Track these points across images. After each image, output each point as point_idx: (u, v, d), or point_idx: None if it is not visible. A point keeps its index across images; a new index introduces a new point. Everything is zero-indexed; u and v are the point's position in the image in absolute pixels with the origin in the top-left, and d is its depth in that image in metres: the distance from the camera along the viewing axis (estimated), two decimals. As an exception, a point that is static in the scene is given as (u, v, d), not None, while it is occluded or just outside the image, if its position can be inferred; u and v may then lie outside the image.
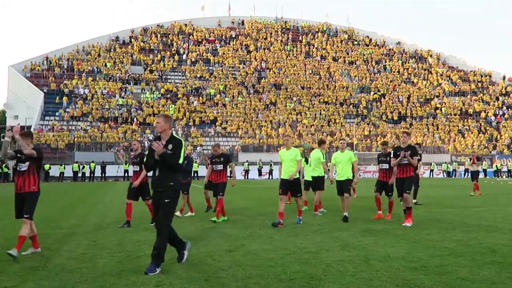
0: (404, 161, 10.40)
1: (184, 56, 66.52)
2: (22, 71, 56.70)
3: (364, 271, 5.87)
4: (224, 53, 68.73)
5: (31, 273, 6.13)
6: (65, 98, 53.15)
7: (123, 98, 55.18)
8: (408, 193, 10.32)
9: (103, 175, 44.12)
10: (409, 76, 71.71)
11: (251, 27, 76.40)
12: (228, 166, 12.00)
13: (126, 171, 42.95)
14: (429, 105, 64.44)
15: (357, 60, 73.31)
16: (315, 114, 58.61)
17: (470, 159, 22.25)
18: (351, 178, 11.51)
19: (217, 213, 11.32)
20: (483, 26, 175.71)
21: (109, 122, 51.04)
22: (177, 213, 12.44)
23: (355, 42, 78.25)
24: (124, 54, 64.04)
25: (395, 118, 60.87)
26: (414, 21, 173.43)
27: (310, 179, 13.07)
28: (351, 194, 18.27)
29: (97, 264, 6.62)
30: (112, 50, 64.76)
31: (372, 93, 65.07)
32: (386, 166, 11.62)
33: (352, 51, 75.69)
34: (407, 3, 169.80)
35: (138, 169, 10.89)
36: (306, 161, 13.87)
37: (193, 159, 12.72)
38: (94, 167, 43.94)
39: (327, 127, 56.77)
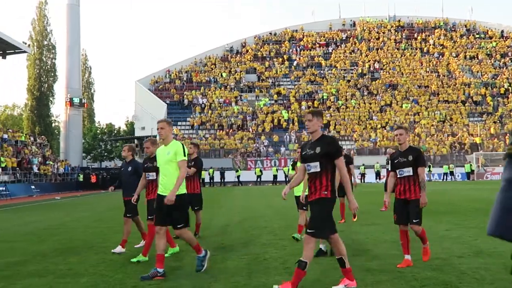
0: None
1: (296, 62, 67.10)
2: (149, 85, 61.00)
3: (503, 280, 5.51)
4: (335, 56, 68.18)
5: (171, 272, 6.59)
6: (185, 108, 56.45)
7: (238, 106, 57.15)
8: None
9: (222, 181, 45.97)
10: (540, 68, 65.35)
11: (363, 27, 74.90)
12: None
13: (238, 177, 45.21)
14: None
15: (479, 54, 68.47)
16: (435, 114, 55.80)
17: None
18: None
19: (144, 251, 7.57)
20: None
21: (226, 130, 53.15)
22: (116, 250, 8.24)
23: (476, 35, 73.14)
24: (238, 63, 66.25)
25: (526, 114, 55.82)
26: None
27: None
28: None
29: (227, 266, 6.95)
30: (226, 60, 67.34)
31: (497, 88, 60.37)
32: (408, 171, 6.62)
33: (472, 45, 70.85)
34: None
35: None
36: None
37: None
38: (213, 173, 45.93)
39: (448, 127, 53.73)
